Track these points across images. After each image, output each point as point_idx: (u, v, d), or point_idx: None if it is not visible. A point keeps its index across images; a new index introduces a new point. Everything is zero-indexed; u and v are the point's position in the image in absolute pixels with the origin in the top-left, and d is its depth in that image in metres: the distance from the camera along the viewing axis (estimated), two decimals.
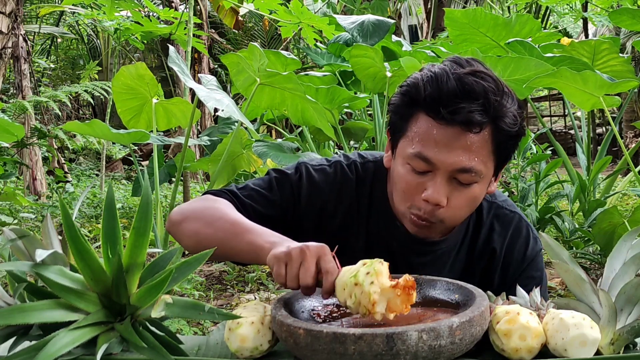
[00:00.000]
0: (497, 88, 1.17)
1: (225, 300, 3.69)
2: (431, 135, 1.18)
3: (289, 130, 6.39)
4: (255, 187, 1.37)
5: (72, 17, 9.93)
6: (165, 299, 0.94)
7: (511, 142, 1.23)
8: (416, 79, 1.22)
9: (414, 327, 0.89)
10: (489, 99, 1.15)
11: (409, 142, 1.22)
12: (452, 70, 1.17)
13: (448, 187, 1.20)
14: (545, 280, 1.41)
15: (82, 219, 5.78)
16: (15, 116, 6.28)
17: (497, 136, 1.19)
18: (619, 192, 5.13)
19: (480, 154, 1.18)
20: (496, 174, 1.28)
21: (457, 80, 1.16)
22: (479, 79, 1.16)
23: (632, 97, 6.11)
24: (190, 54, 4.53)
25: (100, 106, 12.00)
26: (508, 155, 1.26)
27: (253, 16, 10.72)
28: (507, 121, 1.19)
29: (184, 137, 3.97)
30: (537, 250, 1.40)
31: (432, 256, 1.37)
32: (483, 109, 1.15)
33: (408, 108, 1.22)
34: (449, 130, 1.16)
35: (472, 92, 1.15)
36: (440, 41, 6.10)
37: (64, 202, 0.96)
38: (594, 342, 0.92)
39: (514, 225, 1.39)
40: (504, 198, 1.44)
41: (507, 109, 1.19)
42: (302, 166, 1.39)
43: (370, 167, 1.41)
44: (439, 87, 1.16)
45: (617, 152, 9.02)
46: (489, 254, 1.39)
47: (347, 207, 1.38)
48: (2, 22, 4.32)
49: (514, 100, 1.21)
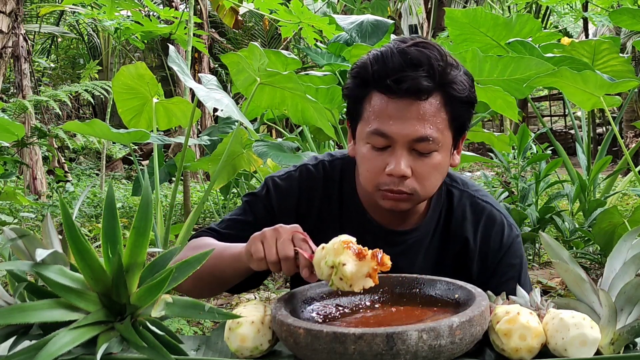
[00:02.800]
0: (440, 55, 1.21)
1: (225, 299, 3.69)
2: (385, 111, 1.21)
3: (289, 129, 6.38)
4: (231, 217, 1.44)
5: (73, 17, 9.93)
6: (165, 299, 0.94)
7: (464, 108, 1.26)
8: (363, 60, 1.26)
9: (414, 327, 0.89)
10: (432, 65, 1.19)
11: (366, 123, 1.25)
12: (397, 46, 1.22)
13: (409, 158, 1.22)
14: (525, 267, 1.42)
15: (82, 219, 5.78)
16: (15, 115, 6.28)
17: (448, 102, 1.22)
18: (619, 192, 5.13)
19: (434, 122, 1.21)
20: (455, 143, 1.30)
21: (401, 52, 1.20)
22: (422, 47, 1.20)
23: (632, 97, 6.11)
24: (191, 54, 4.52)
25: (101, 105, 12.00)
26: (463, 124, 1.29)
27: (253, 16, 10.72)
28: (455, 87, 1.22)
29: (184, 136, 3.97)
30: (513, 236, 1.40)
31: (404, 246, 1.38)
32: (427, 75, 1.19)
33: (360, 90, 1.26)
34: (401, 103, 1.20)
35: (416, 60, 1.19)
36: (440, 41, 6.11)
37: (64, 201, 0.96)
38: (594, 342, 0.92)
39: (487, 214, 1.40)
40: (477, 188, 1.45)
41: (455, 75, 1.22)
42: (269, 180, 1.44)
43: (338, 164, 1.44)
44: (384, 62, 1.21)
45: (618, 152, 9.02)
46: (461, 243, 1.39)
47: (319, 206, 1.41)
48: (2, 22, 4.32)
49: (459, 67, 1.25)
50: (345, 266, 0.98)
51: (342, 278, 0.99)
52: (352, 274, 0.98)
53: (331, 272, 1.00)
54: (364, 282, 1.00)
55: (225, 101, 3.37)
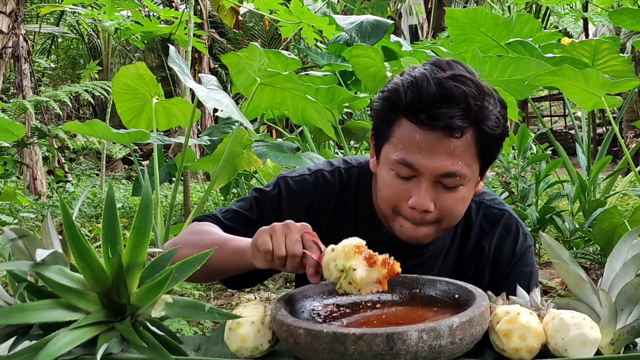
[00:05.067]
0: (478, 92, 1.16)
1: (225, 300, 3.69)
2: (414, 141, 1.17)
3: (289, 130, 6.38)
4: (237, 209, 1.40)
5: (73, 17, 9.93)
6: (165, 299, 0.94)
7: (495, 144, 1.23)
8: (396, 84, 1.21)
9: (414, 327, 0.89)
10: (469, 104, 1.14)
11: (392, 148, 1.21)
12: (433, 74, 1.17)
13: (433, 192, 1.20)
14: (535, 276, 1.41)
15: (82, 219, 5.78)
16: (15, 116, 6.28)
17: (480, 139, 1.19)
18: (619, 192, 5.13)
19: (464, 158, 1.18)
20: (482, 174, 1.28)
21: (437, 85, 1.15)
22: (459, 83, 1.15)
23: (632, 97, 6.10)
24: (191, 54, 4.52)
25: (101, 106, 12.00)
26: (492, 156, 1.26)
27: (253, 16, 10.72)
28: (489, 124, 1.18)
29: (184, 136, 3.97)
30: (526, 246, 1.40)
31: (419, 259, 1.37)
32: (463, 114, 1.14)
33: (390, 113, 1.22)
34: (431, 135, 1.16)
35: (452, 97, 1.14)
36: (440, 41, 6.10)
37: (64, 201, 0.96)
38: (594, 342, 0.92)
39: (503, 223, 1.39)
40: (492, 196, 1.44)
41: (490, 111, 1.18)
42: (281, 180, 1.40)
43: (354, 172, 1.40)
44: (419, 92, 1.16)
45: (618, 152, 9.02)
46: (478, 254, 1.39)
47: (332, 214, 1.38)
48: (2, 22, 4.32)
49: (496, 101, 1.21)
50: (356, 271, 0.98)
51: (352, 282, 0.98)
52: (361, 280, 0.98)
53: (340, 276, 0.99)
54: (372, 287, 1.00)
55: (225, 101, 3.37)
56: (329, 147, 5.32)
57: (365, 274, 0.98)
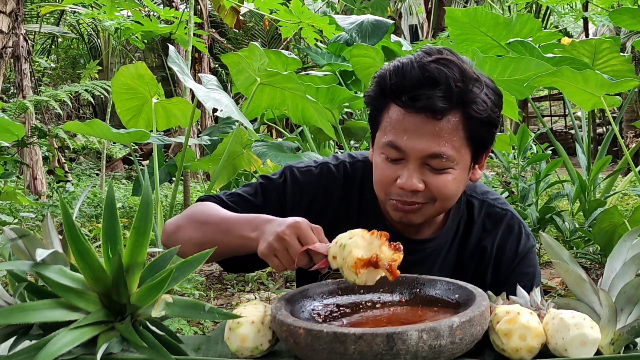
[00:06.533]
0: (461, 74, 1.18)
1: (225, 299, 3.69)
2: (401, 124, 1.20)
3: (289, 129, 6.38)
4: (241, 194, 1.41)
5: (73, 17, 9.93)
6: (165, 299, 0.94)
7: (484, 129, 1.24)
8: (384, 70, 1.24)
9: (414, 327, 0.89)
10: (449, 85, 1.16)
11: (382, 133, 1.25)
12: (418, 59, 1.19)
13: (420, 173, 1.21)
14: (538, 277, 1.41)
15: (82, 219, 5.78)
16: (15, 115, 6.28)
17: (467, 121, 1.20)
18: (619, 192, 5.13)
19: (450, 140, 1.20)
20: (475, 160, 1.28)
21: (420, 68, 1.18)
22: (442, 65, 1.17)
23: (632, 97, 6.11)
24: (191, 54, 4.52)
25: (101, 105, 12.01)
26: (484, 142, 1.27)
27: (253, 16, 10.72)
28: (475, 108, 1.20)
29: (184, 136, 3.97)
30: (529, 247, 1.40)
31: (421, 255, 1.37)
32: (444, 95, 1.17)
33: (380, 99, 1.25)
34: (417, 118, 1.19)
35: (433, 79, 1.17)
36: (440, 41, 6.11)
37: (64, 201, 0.96)
38: (594, 342, 0.92)
39: (506, 222, 1.40)
40: (496, 196, 1.44)
41: (476, 95, 1.20)
42: (288, 170, 1.42)
43: (359, 166, 1.42)
44: (403, 76, 1.19)
45: (618, 152, 9.02)
46: (480, 253, 1.39)
47: (336, 207, 1.39)
48: (2, 22, 4.32)
49: (483, 85, 1.22)
50: (352, 239, 1.01)
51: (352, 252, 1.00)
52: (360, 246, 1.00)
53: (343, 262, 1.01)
54: (374, 274, 1.01)
55: (225, 101, 3.37)
56: (329, 147, 5.32)
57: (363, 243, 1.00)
